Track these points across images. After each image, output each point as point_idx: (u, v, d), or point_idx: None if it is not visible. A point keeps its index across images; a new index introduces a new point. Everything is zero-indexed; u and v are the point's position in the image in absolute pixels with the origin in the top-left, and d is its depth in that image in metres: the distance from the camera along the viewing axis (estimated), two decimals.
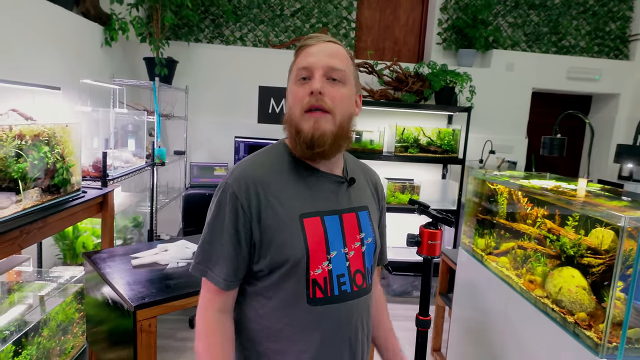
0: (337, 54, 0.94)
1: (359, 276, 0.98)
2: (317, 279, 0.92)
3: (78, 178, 1.89)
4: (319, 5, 3.98)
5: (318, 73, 0.91)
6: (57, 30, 2.50)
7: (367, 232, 1.01)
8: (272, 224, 0.90)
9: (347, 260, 0.96)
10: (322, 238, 0.93)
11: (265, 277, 0.93)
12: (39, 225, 1.52)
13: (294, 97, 0.93)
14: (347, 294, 0.95)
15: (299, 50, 0.95)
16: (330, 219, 0.95)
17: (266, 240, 0.91)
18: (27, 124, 1.59)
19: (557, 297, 1.59)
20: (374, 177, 1.14)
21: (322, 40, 0.95)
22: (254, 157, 0.99)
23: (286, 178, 0.95)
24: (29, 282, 1.96)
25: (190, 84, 3.73)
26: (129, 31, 3.20)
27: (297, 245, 0.90)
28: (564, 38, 4.20)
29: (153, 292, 1.40)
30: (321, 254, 0.92)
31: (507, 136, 4.08)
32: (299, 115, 0.91)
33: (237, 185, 0.91)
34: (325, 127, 0.90)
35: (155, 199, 3.02)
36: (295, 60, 0.96)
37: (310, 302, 0.92)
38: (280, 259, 0.90)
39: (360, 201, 1.03)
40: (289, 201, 0.92)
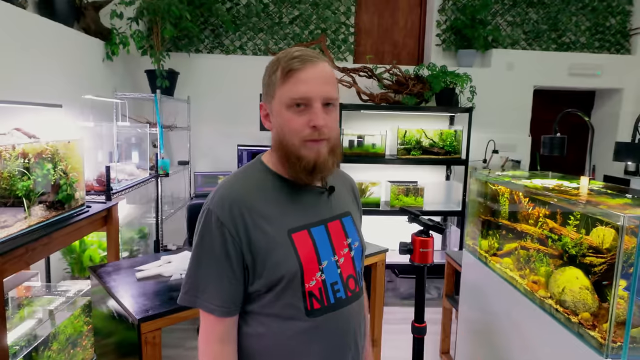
0: (329, 78, 0.93)
1: (351, 281, 1.00)
2: (313, 291, 0.93)
3: (82, 193, 1.92)
4: (317, 12, 4.01)
5: (317, 105, 0.89)
6: (58, 47, 2.55)
7: (354, 237, 1.03)
8: (263, 244, 0.90)
9: (339, 268, 0.97)
10: (312, 250, 0.94)
11: (262, 296, 0.93)
12: (45, 241, 1.55)
13: (291, 126, 0.90)
14: (342, 300, 0.97)
15: (289, 74, 0.90)
16: (316, 230, 0.96)
17: (259, 261, 0.90)
18: (30, 142, 1.62)
19: (561, 298, 1.59)
20: (349, 180, 1.16)
21: (313, 61, 0.91)
22: (233, 178, 0.98)
23: (268, 195, 0.95)
24: (38, 297, 1.99)
25: (191, 95, 3.77)
26: (130, 45, 3.25)
27: (290, 262, 0.91)
28: (564, 35, 4.18)
29: (157, 304, 1.42)
30: (313, 265, 0.93)
31: (510, 135, 4.07)
32: (299, 144, 0.90)
33: (221, 210, 0.90)
34: (324, 152, 0.91)
35: (161, 210, 3.05)
36: (283, 84, 0.90)
37: (308, 314, 0.93)
38: (276, 277, 0.90)
39: (342, 208, 1.05)
40: (275, 218, 0.92)
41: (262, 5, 3.95)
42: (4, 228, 1.44)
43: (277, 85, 0.91)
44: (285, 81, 0.90)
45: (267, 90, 0.95)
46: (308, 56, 0.91)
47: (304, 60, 0.90)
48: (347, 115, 3.84)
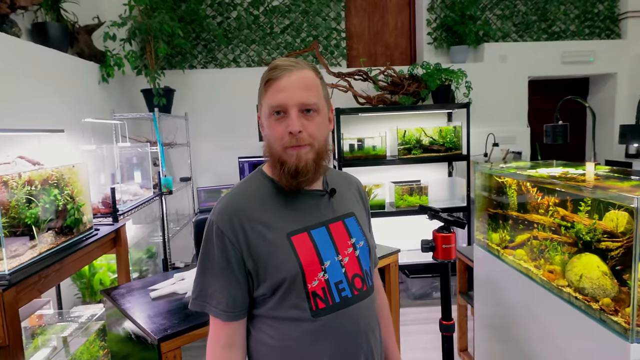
0: (308, 85, 0.94)
1: (357, 280, 1.00)
2: (316, 290, 0.94)
3: (89, 216, 1.91)
4: (308, 20, 4.03)
5: (293, 111, 0.92)
6: (54, 73, 2.55)
7: (358, 237, 1.04)
8: (263, 249, 0.94)
9: (343, 267, 0.99)
10: (312, 251, 0.96)
11: (267, 300, 0.95)
12: (57, 267, 1.54)
13: (273, 134, 0.95)
14: (348, 299, 0.97)
15: (268, 84, 0.94)
16: (317, 231, 0.98)
17: (261, 266, 0.94)
18: (35, 169, 1.62)
19: (579, 285, 1.57)
20: (354, 181, 1.18)
21: (290, 70, 0.93)
22: (234, 189, 1.03)
23: (268, 202, 0.98)
24: (51, 325, 1.98)
25: (189, 111, 3.77)
26: (124, 66, 3.26)
27: (290, 264, 0.93)
28: (554, 24, 4.21)
29: (175, 323, 1.40)
30: (315, 266, 0.95)
31: (508, 127, 4.07)
32: (281, 151, 0.94)
33: (221, 220, 0.95)
34: (307, 157, 0.94)
35: (167, 228, 3.04)
36: (264, 94, 0.95)
37: (314, 315, 0.94)
38: (278, 279, 0.93)
39: (345, 209, 1.07)
40: (274, 224, 0.96)
41: (253, 17, 3.96)
42: (15, 257, 1.43)
43: (261, 96, 0.97)
44: (266, 91, 0.95)
45: (258, 101, 1.01)
46: (287, 65, 0.95)
47: (282, 69, 0.94)
48: (345, 119, 3.84)
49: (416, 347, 3.02)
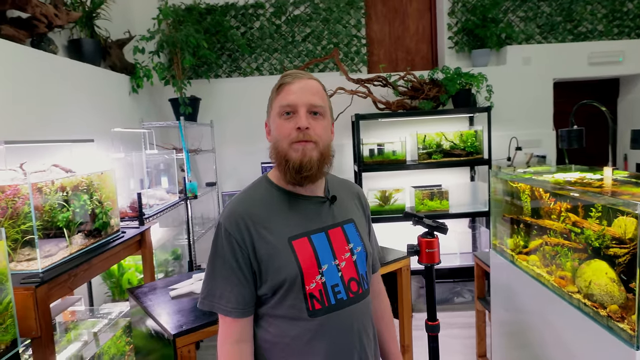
0: (317, 91, 1.05)
1: (353, 284, 1.06)
2: (313, 292, 1.01)
3: (117, 220, 2.05)
4: (328, 27, 4.11)
5: (302, 110, 1.01)
6: (88, 86, 2.73)
7: (356, 242, 1.10)
8: (266, 252, 1.00)
9: (339, 271, 1.05)
10: (311, 255, 1.02)
11: (269, 299, 1.02)
12: (85, 267, 1.67)
13: (280, 131, 1.03)
14: (343, 302, 1.03)
15: (280, 88, 1.04)
16: (317, 236, 1.05)
17: (264, 267, 1.00)
18: (67, 176, 1.76)
19: (588, 291, 1.57)
20: (355, 189, 1.24)
21: (300, 77, 1.05)
22: (241, 194, 1.10)
23: (272, 208, 1.05)
24: (83, 320, 2.12)
25: (214, 118, 3.92)
26: (153, 77, 3.43)
27: (290, 267, 0.99)
28: (580, 24, 4.11)
29: (190, 320, 1.50)
30: (313, 269, 1.01)
31: (533, 130, 4.01)
32: (287, 147, 1.01)
33: (229, 223, 1.02)
34: (312, 154, 1.01)
35: (192, 231, 3.17)
36: (276, 97, 1.05)
37: (310, 315, 1.00)
38: (278, 280, 0.99)
39: (345, 215, 1.12)
40: (277, 228, 1.02)
41: (275, 26, 4.08)
42: (48, 257, 1.56)
43: (272, 100, 1.07)
44: (277, 94, 1.05)
45: (268, 109, 1.10)
46: (298, 74, 1.06)
47: (293, 76, 1.05)
48: (365, 125, 3.89)
49: None
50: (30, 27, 2.38)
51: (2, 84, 2.01)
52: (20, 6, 2.29)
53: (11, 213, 1.52)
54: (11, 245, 1.50)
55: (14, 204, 1.51)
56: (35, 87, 2.24)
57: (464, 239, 4.18)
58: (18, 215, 1.52)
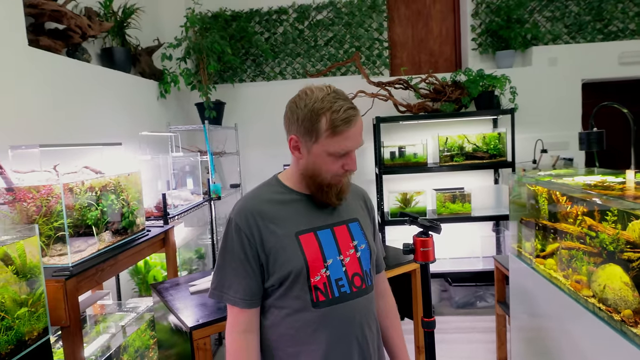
0: (362, 130, 1.09)
1: (357, 278, 1.11)
2: (318, 285, 1.06)
3: (142, 219, 2.16)
4: (350, 31, 4.16)
5: (354, 155, 1.09)
6: (119, 92, 2.89)
7: (360, 240, 1.15)
8: (274, 246, 1.06)
9: (344, 266, 1.10)
10: (317, 249, 1.07)
11: (275, 291, 1.08)
12: (111, 262, 1.78)
13: (328, 167, 1.07)
14: (346, 295, 1.08)
15: (338, 131, 1.03)
16: (323, 232, 1.10)
17: (272, 260, 1.06)
18: (96, 177, 1.88)
19: (602, 296, 1.55)
20: (361, 192, 1.29)
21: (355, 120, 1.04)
22: (251, 192, 1.17)
23: (281, 205, 1.11)
24: (111, 314, 2.25)
25: (238, 122, 4.04)
26: (180, 82, 3.57)
27: (296, 259, 1.05)
28: (610, 23, 3.99)
29: (206, 314, 1.58)
30: (318, 263, 1.07)
31: (560, 132, 3.91)
32: (330, 179, 1.08)
33: (239, 218, 1.09)
34: (347, 182, 1.12)
35: (215, 231, 3.28)
36: (332, 138, 1.03)
37: (314, 306, 1.06)
38: (285, 272, 1.05)
39: (350, 214, 1.18)
40: (285, 224, 1.08)
41: (298, 31, 4.16)
42: (78, 252, 1.68)
43: (322, 135, 1.04)
44: (333, 136, 1.04)
45: (306, 131, 1.06)
46: (352, 115, 1.04)
47: (349, 121, 1.03)
48: (386, 127, 3.91)
49: (452, 355, 3.00)
50: (66, 37, 2.54)
51: (41, 92, 2.16)
52: (57, 18, 2.45)
53: (45, 211, 1.64)
54: (45, 241, 1.62)
55: (47, 203, 1.63)
56: (70, 93, 2.39)
57: (488, 242, 4.12)
58: (51, 213, 1.64)
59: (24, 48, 2.09)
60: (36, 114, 2.12)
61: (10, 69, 1.97)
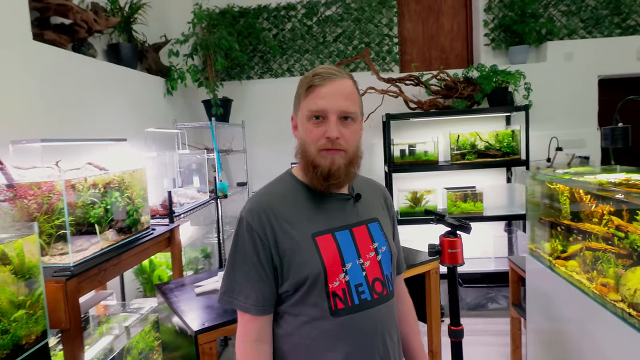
0: (349, 94, 0.99)
1: (378, 284, 1.02)
2: (336, 291, 0.97)
3: (147, 217, 2.10)
4: (360, 27, 4.07)
5: (333, 117, 0.97)
6: (125, 88, 2.83)
7: (380, 242, 1.06)
8: (289, 247, 0.98)
9: (364, 270, 1.01)
10: (335, 252, 0.98)
11: (290, 297, 0.99)
12: (115, 262, 1.72)
13: (309, 136, 0.99)
14: (367, 302, 0.99)
15: (310, 90, 0.98)
16: (341, 234, 1.01)
17: (286, 263, 0.98)
18: (100, 174, 1.82)
19: (633, 300, 1.45)
20: (381, 189, 1.19)
21: (332, 78, 0.98)
22: (264, 189, 1.08)
23: (295, 203, 1.02)
24: (115, 315, 2.19)
25: (245, 119, 3.97)
26: (187, 79, 3.51)
27: (313, 263, 0.96)
28: (629, 17, 3.86)
29: (212, 317, 1.51)
30: (337, 267, 0.98)
31: (575, 130, 3.80)
32: (315, 153, 0.99)
33: (250, 216, 1.00)
34: (340, 162, 0.98)
35: (222, 230, 3.22)
36: (305, 98, 1.00)
37: (333, 314, 0.97)
38: (301, 277, 0.96)
39: (370, 214, 1.09)
40: (300, 224, 0.99)
41: (306, 27, 4.09)
42: (80, 252, 1.62)
43: (301, 99, 1.02)
44: (307, 96, 0.99)
45: (295, 104, 1.06)
46: (329, 73, 0.99)
47: (324, 77, 0.98)
48: (396, 124, 3.82)
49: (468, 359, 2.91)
50: (72, 32, 2.49)
51: (45, 87, 2.11)
52: (63, 13, 2.39)
53: (46, 209, 1.58)
54: (46, 239, 1.57)
55: (49, 200, 1.58)
56: (75, 89, 2.33)
57: (500, 243, 4.01)
58: (53, 211, 1.58)
59: (28, 42, 2.03)
60: (39, 109, 2.07)
61: (14, 62, 1.92)
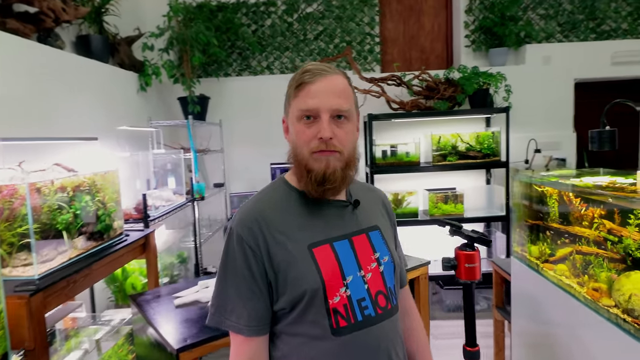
0: (341, 91, 0.92)
1: (381, 298, 0.94)
2: (337, 307, 0.89)
3: (120, 222, 1.95)
4: (341, 25, 4.00)
5: (325, 116, 0.89)
6: (95, 83, 2.66)
7: (382, 251, 0.98)
8: (283, 260, 0.89)
9: (366, 283, 0.92)
10: (335, 265, 0.90)
11: (286, 315, 0.91)
12: (85, 273, 1.58)
13: (301, 137, 0.91)
14: (371, 318, 0.91)
15: (300, 87, 0.91)
16: (340, 244, 0.93)
17: (281, 277, 0.89)
18: (68, 175, 1.67)
19: (628, 306, 1.44)
20: (379, 194, 1.12)
21: (323, 74, 0.91)
22: (255, 197, 0.99)
23: (289, 211, 0.94)
24: (84, 328, 2.03)
25: (223, 118, 3.83)
26: (162, 74, 3.35)
27: (310, 277, 0.88)
28: (603, 23, 3.95)
29: (194, 333, 1.40)
30: (337, 281, 0.89)
31: (552, 132, 3.86)
32: (308, 156, 0.90)
33: (241, 227, 0.91)
34: (336, 165, 0.90)
35: (199, 233, 3.08)
36: (295, 97, 0.92)
37: (334, 333, 0.88)
38: (298, 293, 0.88)
39: (370, 221, 1.00)
40: (295, 234, 0.91)
41: (287, 24, 3.99)
42: (45, 262, 1.47)
43: (291, 99, 0.94)
44: (296, 94, 0.92)
45: (285, 104, 0.98)
46: (319, 70, 0.92)
47: (314, 73, 0.91)
48: (378, 125, 3.77)
49: None
50: (37, 21, 2.31)
51: (7, 80, 1.93)
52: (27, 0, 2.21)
53: (8, 215, 1.43)
54: (7, 249, 1.41)
55: (10, 205, 1.42)
56: (41, 83, 2.16)
57: None
58: (15, 217, 1.43)
59: None
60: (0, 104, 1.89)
61: None
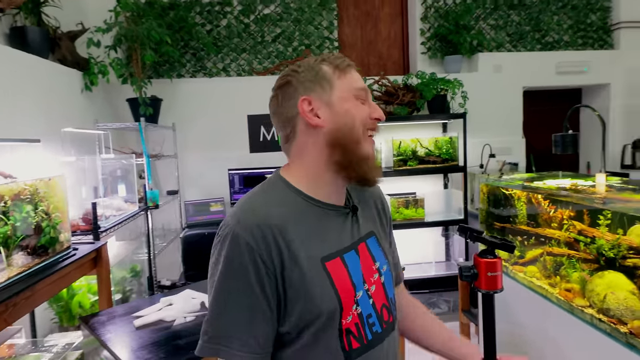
0: None
1: (385, 311, 0.85)
2: (350, 327, 0.78)
3: (67, 235, 1.74)
4: (300, 28, 3.94)
5: (370, 98, 0.87)
6: (33, 80, 2.39)
7: (381, 260, 0.89)
8: (297, 276, 0.75)
9: (370, 297, 0.83)
10: (347, 280, 0.80)
11: (294, 340, 0.77)
12: (27, 294, 1.37)
13: (357, 112, 0.82)
14: (379, 335, 0.83)
15: (347, 69, 0.84)
16: (349, 256, 0.82)
17: (291, 296, 0.75)
18: (7, 182, 1.45)
19: (603, 306, 1.46)
20: (376, 191, 0.99)
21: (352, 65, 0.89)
22: (257, 196, 0.82)
23: (298, 217, 0.79)
24: (23, 355, 1.78)
25: (176, 121, 3.62)
26: (109, 74, 3.10)
27: (327, 296, 0.76)
28: (547, 34, 4.19)
29: (162, 357, 1.24)
30: (350, 299, 0.79)
31: (504, 138, 4.01)
32: (361, 133, 0.82)
33: (250, 233, 0.73)
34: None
35: (152, 245, 2.86)
36: (344, 76, 0.83)
37: (347, 356, 0.78)
38: (312, 315, 0.75)
39: (367, 227, 0.90)
40: (306, 244, 0.77)
41: (243, 25, 3.85)
42: None
43: (333, 78, 0.83)
44: (344, 74, 0.84)
45: (313, 86, 0.82)
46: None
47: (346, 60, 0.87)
48: None
49: None
50: None
51: None
52: None
53: None
54: None
55: None
56: None
57: (439, 248, 4.10)
58: None
59: None
60: None
61: None
